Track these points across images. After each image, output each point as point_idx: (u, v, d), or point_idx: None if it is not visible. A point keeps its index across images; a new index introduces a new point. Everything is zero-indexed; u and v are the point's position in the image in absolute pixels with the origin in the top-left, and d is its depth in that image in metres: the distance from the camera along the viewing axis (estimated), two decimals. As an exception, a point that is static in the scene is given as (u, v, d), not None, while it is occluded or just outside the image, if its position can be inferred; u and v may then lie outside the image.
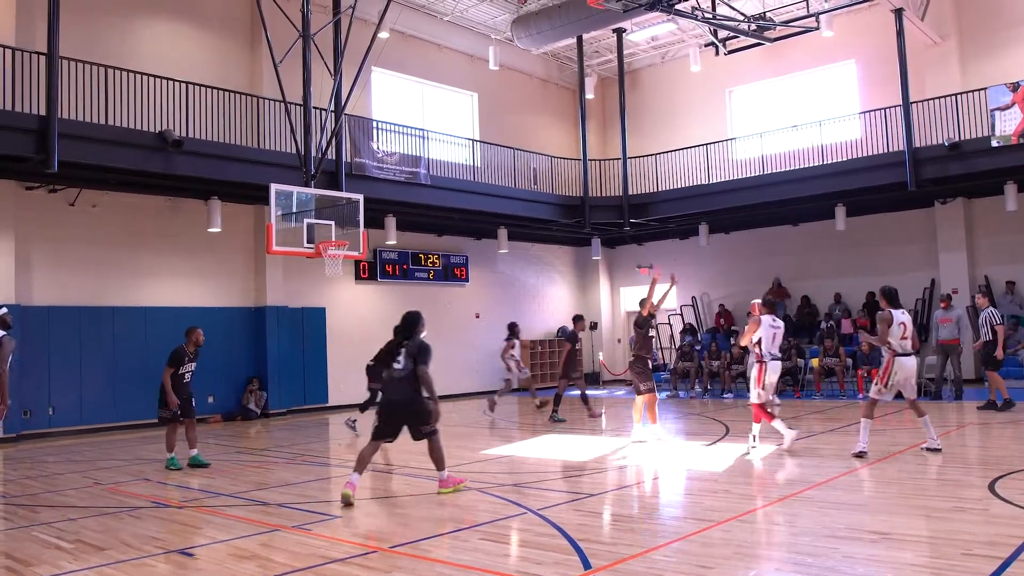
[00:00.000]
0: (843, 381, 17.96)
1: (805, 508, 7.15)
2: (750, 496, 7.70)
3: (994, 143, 17.34)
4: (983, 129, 17.64)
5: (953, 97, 18.39)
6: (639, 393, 11.77)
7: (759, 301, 11.42)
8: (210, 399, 17.64)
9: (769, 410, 10.70)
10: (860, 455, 9.57)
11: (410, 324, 8.67)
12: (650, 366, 12.17)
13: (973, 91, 18.16)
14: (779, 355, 10.87)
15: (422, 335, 8.65)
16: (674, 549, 6.00)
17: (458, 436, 14.11)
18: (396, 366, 8.36)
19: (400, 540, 6.58)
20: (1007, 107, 17.24)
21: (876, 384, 9.99)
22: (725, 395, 19.25)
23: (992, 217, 19.62)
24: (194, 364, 11.21)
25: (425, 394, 8.27)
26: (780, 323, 11.05)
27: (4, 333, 9.21)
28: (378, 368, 17.57)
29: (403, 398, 8.35)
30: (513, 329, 17.84)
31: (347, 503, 7.88)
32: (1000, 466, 8.77)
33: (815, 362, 18.69)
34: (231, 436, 14.88)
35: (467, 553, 6.09)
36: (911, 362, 9.86)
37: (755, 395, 10.63)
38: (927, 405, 15.16)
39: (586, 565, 5.61)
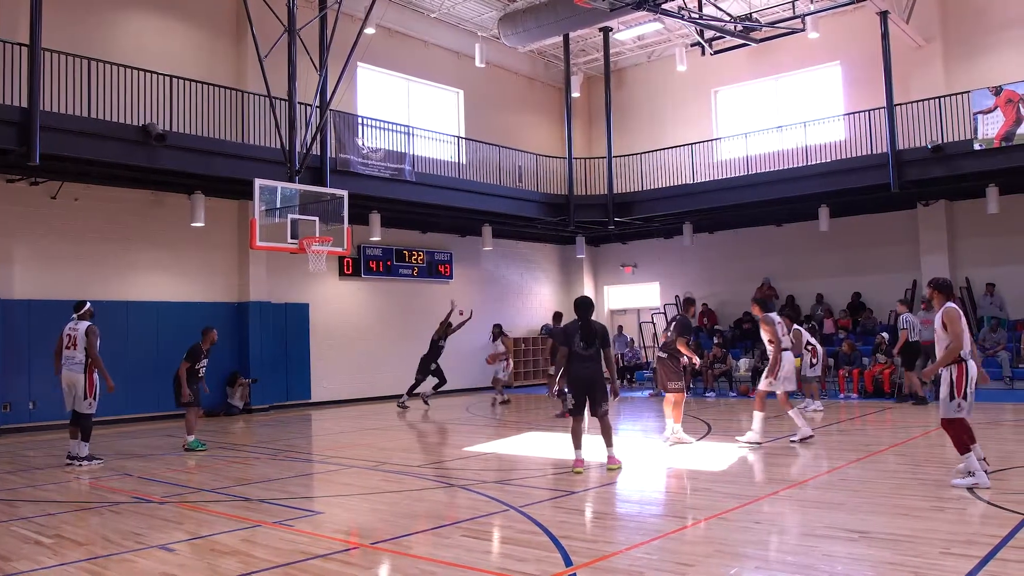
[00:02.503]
0: (824, 381, 18.02)
1: (785, 507, 7.20)
2: (731, 494, 7.72)
3: (977, 146, 17.48)
4: (966, 132, 17.77)
5: (937, 100, 18.52)
6: (667, 391, 11.68)
7: (757, 302, 11.67)
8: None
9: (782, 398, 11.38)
10: (756, 445, 10.66)
11: (588, 307, 9.37)
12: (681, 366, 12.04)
13: (956, 94, 18.31)
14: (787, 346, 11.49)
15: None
16: (655, 547, 6.02)
17: (441, 432, 14.12)
18: (582, 345, 9.11)
19: (382, 536, 6.58)
20: (990, 111, 17.38)
21: (766, 378, 11.08)
22: (707, 394, 19.32)
23: (974, 220, 19.78)
24: (207, 360, 12.52)
25: (606, 374, 9.26)
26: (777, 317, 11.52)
27: (89, 323, 10.88)
28: (426, 361, 17.82)
29: (589, 374, 9.14)
30: (498, 330, 18.23)
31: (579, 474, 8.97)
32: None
33: (797, 362, 18.71)
34: (214, 432, 14.82)
35: (449, 550, 6.09)
36: (792, 356, 11.45)
37: (767, 384, 11.16)
38: (904, 406, 15.36)
39: (567, 562, 5.63)
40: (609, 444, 9.31)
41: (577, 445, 9.29)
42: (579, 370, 9.21)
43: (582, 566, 5.52)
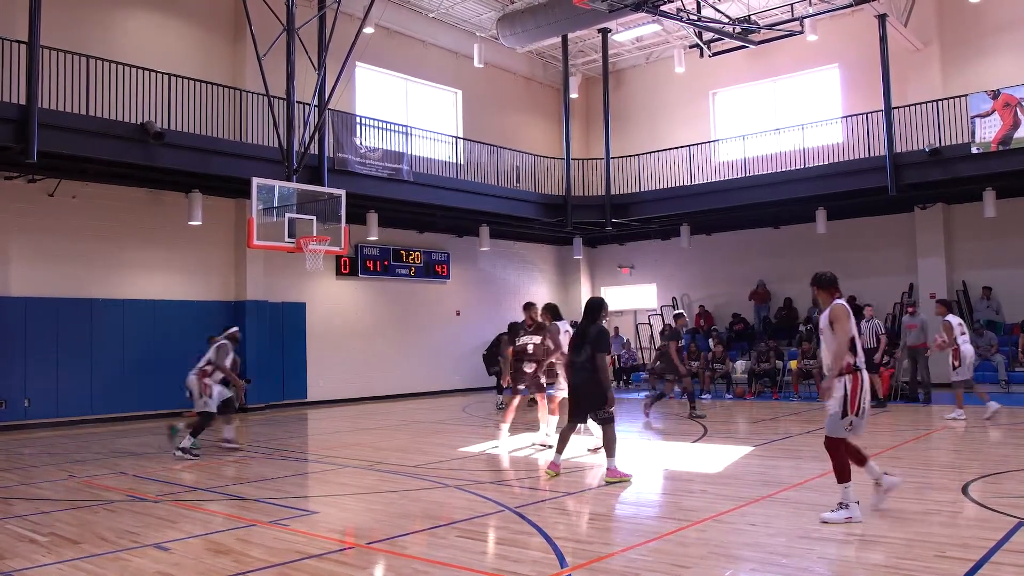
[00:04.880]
0: (820, 383, 18.03)
1: (781, 509, 7.20)
2: (727, 496, 7.73)
3: (974, 149, 17.51)
4: (963, 135, 17.80)
5: (934, 103, 18.55)
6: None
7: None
8: (187, 393, 17.49)
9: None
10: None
11: (592, 310, 8.99)
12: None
13: (954, 97, 18.34)
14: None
15: (604, 320, 9.08)
16: (650, 548, 6.02)
17: (438, 432, 14.11)
18: (579, 351, 8.78)
19: (377, 536, 6.57)
20: (987, 114, 17.41)
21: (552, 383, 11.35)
22: (704, 396, 19.31)
23: (971, 223, 19.81)
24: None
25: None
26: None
27: (227, 342, 12.35)
28: (491, 355, 17.79)
29: (581, 381, 8.77)
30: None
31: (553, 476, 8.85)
32: (972, 469, 8.86)
33: (793, 364, 18.79)
34: (209, 430, 14.74)
35: (444, 550, 6.09)
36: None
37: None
38: (900, 407, 15.38)
39: (562, 563, 5.63)
40: (608, 455, 8.72)
41: (557, 449, 9.05)
42: (570, 376, 8.99)
43: (577, 567, 5.52)
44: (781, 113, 22.92)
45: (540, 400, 11.67)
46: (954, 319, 13.47)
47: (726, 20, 19.33)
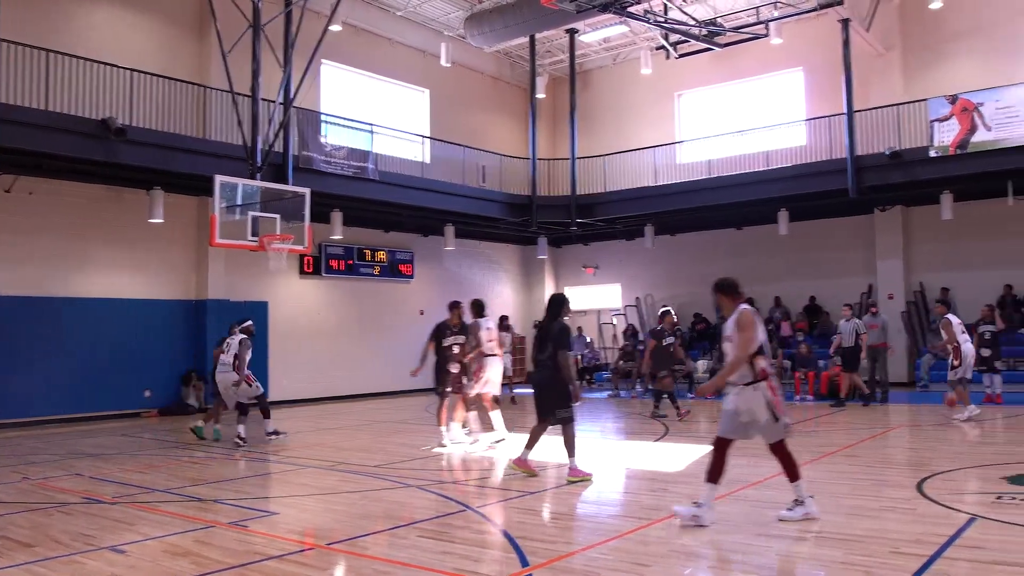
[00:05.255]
0: (781, 383, 18.23)
1: (740, 507, 7.27)
2: (687, 495, 7.77)
3: (933, 153, 17.80)
4: (923, 139, 18.08)
5: (895, 107, 18.83)
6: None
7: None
8: (147, 393, 17.34)
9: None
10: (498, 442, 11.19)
11: (554, 306, 8.96)
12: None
13: (914, 102, 18.62)
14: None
15: (566, 318, 9.00)
16: (611, 547, 6.05)
17: (400, 432, 14.07)
18: (542, 348, 8.78)
19: (338, 537, 6.54)
20: (946, 118, 17.70)
21: (471, 381, 11.42)
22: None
23: (929, 225, 20.13)
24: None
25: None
26: None
27: (245, 336, 12.46)
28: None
29: (543, 379, 8.77)
30: (503, 321, 18.25)
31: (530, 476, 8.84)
32: (928, 467, 9.02)
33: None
34: (168, 431, 14.64)
35: (405, 550, 6.08)
36: (496, 362, 11.43)
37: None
38: (857, 406, 15.59)
39: (524, 562, 5.64)
40: (569, 454, 8.70)
41: (527, 445, 8.98)
42: (532, 375, 9.02)
43: (539, 566, 5.54)
44: (746, 115, 23.10)
45: (460, 401, 11.78)
46: (954, 318, 13.41)
47: (692, 22, 19.48)
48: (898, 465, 9.33)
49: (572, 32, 22.79)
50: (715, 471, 6.65)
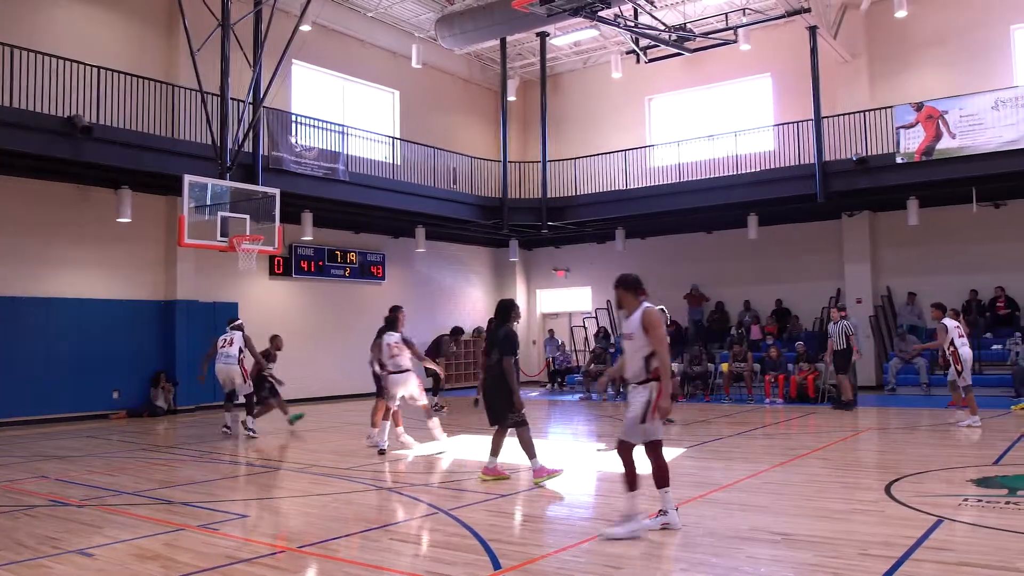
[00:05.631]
0: (751, 386, 18.42)
1: (711, 510, 7.32)
2: (658, 498, 7.82)
3: (898, 159, 18.03)
4: (889, 146, 18.32)
5: (862, 114, 19.07)
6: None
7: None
8: (115, 394, 17.13)
9: None
10: (382, 452, 10.94)
11: (502, 312, 8.94)
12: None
13: (880, 109, 18.86)
14: None
15: (515, 323, 8.98)
16: (583, 549, 6.06)
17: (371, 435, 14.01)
18: (490, 354, 8.82)
19: (309, 540, 6.50)
20: (911, 125, 17.94)
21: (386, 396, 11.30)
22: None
23: (895, 230, 20.39)
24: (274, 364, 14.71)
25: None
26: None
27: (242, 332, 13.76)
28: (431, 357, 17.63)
29: (491, 385, 8.77)
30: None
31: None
32: (896, 469, 9.12)
33: (725, 367, 19.12)
34: (137, 433, 14.47)
35: (377, 553, 6.06)
36: (400, 378, 11.06)
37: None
38: (828, 411, 15.76)
39: (496, 565, 5.64)
40: (530, 456, 8.68)
41: (492, 452, 8.94)
42: (483, 381, 9.04)
43: (511, 569, 5.54)
44: (715, 120, 23.28)
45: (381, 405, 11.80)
46: (950, 322, 13.19)
47: (662, 27, 19.58)
48: (867, 468, 9.44)
49: (543, 35, 22.83)
50: (662, 477, 6.53)
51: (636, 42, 21.06)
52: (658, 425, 6.47)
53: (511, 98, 24.69)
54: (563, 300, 26.74)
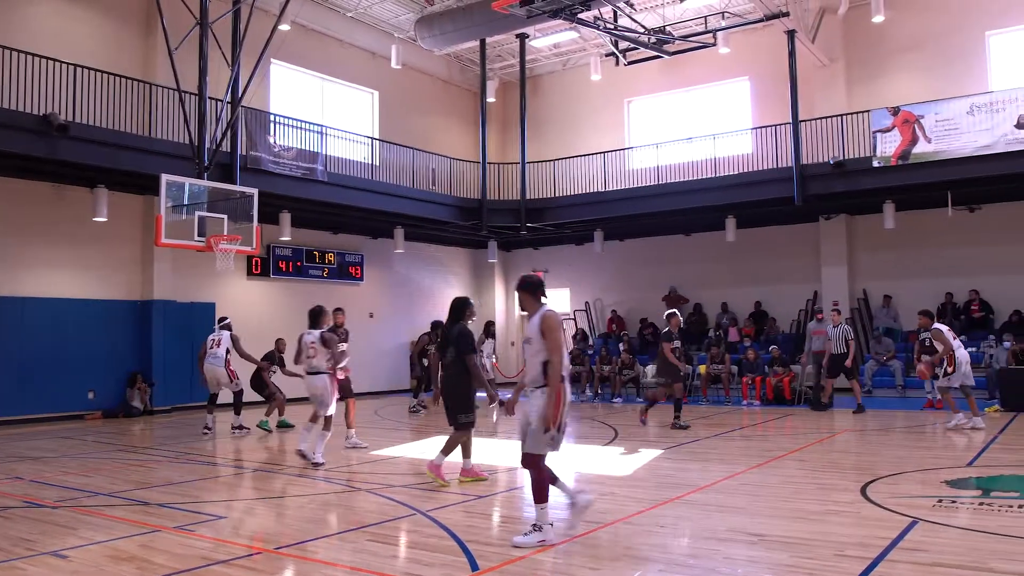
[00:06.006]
0: (728, 388, 18.51)
1: (689, 511, 7.35)
2: (637, 498, 7.86)
3: (875, 163, 18.19)
4: (866, 149, 18.47)
5: (839, 117, 19.21)
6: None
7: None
8: (90, 395, 16.97)
9: None
10: (317, 465, 10.15)
11: (455, 311, 8.86)
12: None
13: (857, 113, 19.01)
14: None
15: (470, 321, 8.92)
16: (561, 550, 6.06)
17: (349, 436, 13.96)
18: (444, 353, 8.75)
19: (286, 541, 6.47)
20: (888, 129, 18.11)
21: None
22: (615, 399, 19.57)
23: (872, 234, 20.56)
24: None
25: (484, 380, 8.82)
26: None
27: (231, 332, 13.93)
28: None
29: (447, 384, 8.72)
30: (489, 328, 18.40)
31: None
32: (871, 470, 9.19)
33: (702, 369, 19.21)
34: (112, 433, 14.35)
35: (354, 554, 6.04)
36: (312, 380, 10.66)
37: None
38: (805, 412, 15.87)
39: (474, 567, 5.64)
40: (442, 452, 8.72)
41: (464, 455, 8.96)
42: (440, 379, 8.99)
43: (488, 570, 5.54)
44: (694, 123, 23.38)
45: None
46: (943, 326, 13.19)
47: (642, 30, 19.66)
48: (843, 469, 9.50)
49: (523, 37, 22.86)
50: (540, 492, 6.30)
51: (616, 44, 21.14)
52: (552, 435, 6.21)
53: (490, 99, 24.69)
54: (542, 302, 26.70)
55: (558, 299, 26.26)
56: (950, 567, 5.41)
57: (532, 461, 6.30)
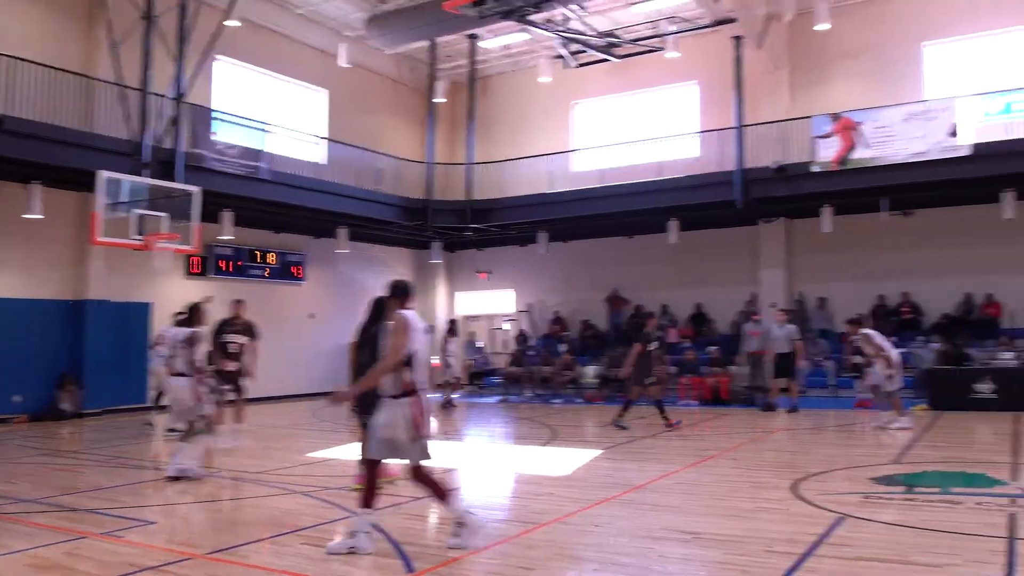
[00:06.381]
0: (667, 388, 18.68)
1: (624, 510, 7.41)
2: (574, 499, 7.89)
3: (815, 168, 18.50)
4: (807, 154, 18.79)
5: (782, 123, 19.51)
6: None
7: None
8: (17, 398, 16.49)
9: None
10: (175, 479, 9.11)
11: (375, 309, 8.60)
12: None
13: (799, 118, 19.32)
14: None
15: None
16: (497, 551, 6.08)
17: (283, 437, 13.84)
18: (362, 352, 8.39)
19: (218, 546, 6.37)
20: (828, 135, 18.43)
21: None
22: (554, 400, 19.64)
23: (810, 237, 20.89)
24: None
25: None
26: None
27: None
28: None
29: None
30: (452, 327, 18.55)
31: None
32: (802, 468, 9.37)
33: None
34: (39, 437, 13.96)
35: (287, 558, 5.98)
36: (172, 383, 9.59)
37: None
38: (740, 412, 16.10)
39: (408, 568, 5.62)
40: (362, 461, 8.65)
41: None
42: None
43: (423, 572, 5.54)
44: (641, 126, 23.52)
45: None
46: (872, 331, 13.35)
47: (592, 33, 19.76)
48: (775, 467, 9.67)
49: (473, 38, 22.83)
50: (368, 495, 6.17)
51: (565, 47, 21.21)
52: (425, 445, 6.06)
53: (440, 99, 24.62)
54: (486, 302, 26.74)
55: (502, 300, 26.29)
56: (874, 561, 5.55)
57: (414, 471, 6.16)
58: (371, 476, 6.24)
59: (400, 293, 6.38)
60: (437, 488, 6.22)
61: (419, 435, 6.03)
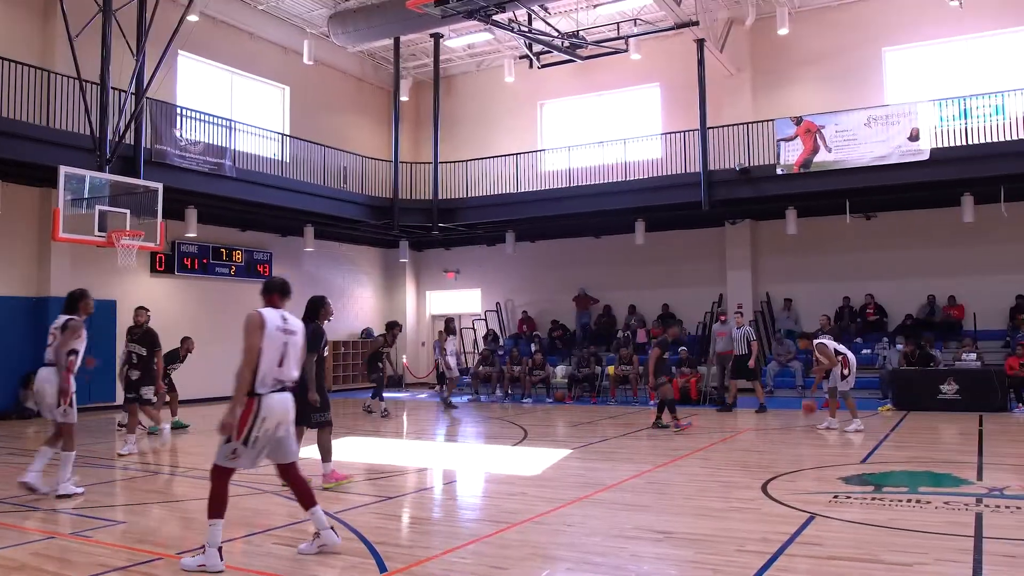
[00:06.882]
0: (636, 388, 18.82)
1: (597, 510, 7.44)
2: (546, 498, 7.91)
3: (779, 171, 18.74)
4: (770, 157, 19.02)
5: (745, 125, 19.74)
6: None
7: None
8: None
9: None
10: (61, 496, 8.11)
11: (310, 309, 8.64)
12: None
13: (762, 121, 19.56)
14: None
15: (326, 321, 8.71)
16: (470, 551, 6.08)
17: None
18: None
19: (189, 546, 6.29)
20: (791, 138, 18.69)
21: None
22: (524, 400, 19.68)
23: (775, 239, 21.18)
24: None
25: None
26: None
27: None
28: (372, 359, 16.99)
29: (299, 385, 8.14)
30: (449, 325, 18.44)
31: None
32: (772, 468, 9.46)
33: (611, 370, 19.48)
34: (4, 436, 13.74)
35: (259, 558, 5.93)
36: (40, 373, 8.90)
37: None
38: (710, 412, 16.24)
39: (382, 568, 5.60)
40: (323, 459, 8.62)
41: (323, 459, 8.70)
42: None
43: (396, 572, 5.51)
44: (606, 127, 23.67)
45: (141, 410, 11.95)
46: (825, 339, 13.50)
47: (556, 34, 19.83)
48: (745, 467, 9.75)
49: (437, 36, 22.81)
50: (214, 505, 5.75)
51: (529, 47, 21.27)
52: (235, 448, 5.70)
53: (404, 98, 24.56)
54: (453, 302, 26.73)
55: (469, 299, 26.29)
56: (844, 559, 5.62)
57: (212, 471, 5.80)
58: (220, 483, 5.78)
59: (267, 291, 6.12)
60: (214, 500, 5.75)
61: (234, 438, 5.65)
